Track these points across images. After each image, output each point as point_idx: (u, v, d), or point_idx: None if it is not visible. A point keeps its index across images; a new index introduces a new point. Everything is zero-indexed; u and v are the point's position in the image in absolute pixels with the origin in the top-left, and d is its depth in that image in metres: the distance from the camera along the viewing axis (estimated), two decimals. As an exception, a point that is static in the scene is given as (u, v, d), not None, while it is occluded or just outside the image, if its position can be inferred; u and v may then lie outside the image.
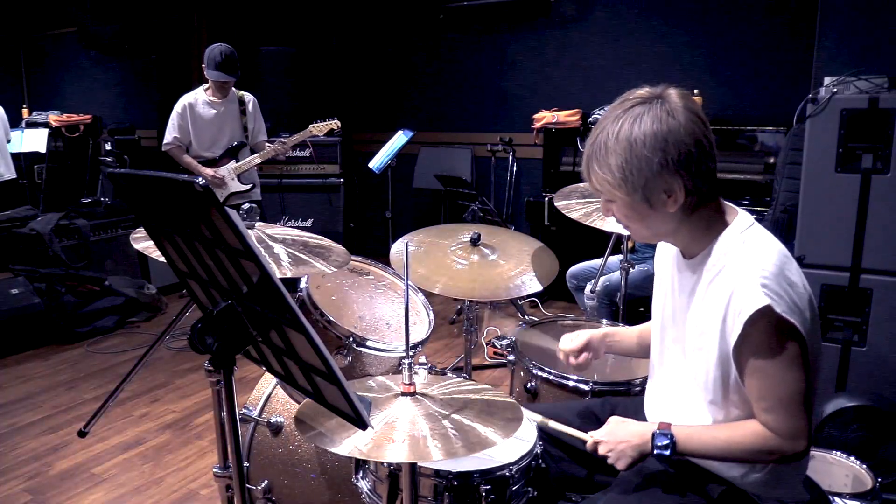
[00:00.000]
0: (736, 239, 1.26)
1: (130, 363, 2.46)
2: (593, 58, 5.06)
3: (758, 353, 1.19)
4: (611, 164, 1.23)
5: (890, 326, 2.38)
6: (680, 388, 1.37)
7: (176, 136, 3.92)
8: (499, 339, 4.02)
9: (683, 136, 1.19)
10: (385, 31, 6.00)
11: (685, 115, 1.20)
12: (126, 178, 1.13)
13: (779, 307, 1.15)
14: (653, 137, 1.19)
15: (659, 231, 1.32)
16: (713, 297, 1.24)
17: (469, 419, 1.24)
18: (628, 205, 1.26)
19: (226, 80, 3.83)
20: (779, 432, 1.21)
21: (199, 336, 1.08)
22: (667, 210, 1.24)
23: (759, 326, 1.17)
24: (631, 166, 1.20)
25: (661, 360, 1.46)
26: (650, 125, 1.19)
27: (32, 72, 7.80)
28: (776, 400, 1.20)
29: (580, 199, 2.42)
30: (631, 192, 1.23)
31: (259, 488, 1.96)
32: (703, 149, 1.21)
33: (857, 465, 1.92)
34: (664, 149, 1.19)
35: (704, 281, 1.28)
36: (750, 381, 1.22)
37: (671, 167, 1.19)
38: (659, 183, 1.21)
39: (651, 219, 1.27)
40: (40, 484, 2.62)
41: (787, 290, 1.18)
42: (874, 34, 2.73)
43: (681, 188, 1.21)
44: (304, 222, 5.38)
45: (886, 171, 2.32)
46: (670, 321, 1.41)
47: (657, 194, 1.22)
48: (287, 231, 1.92)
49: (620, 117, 1.23)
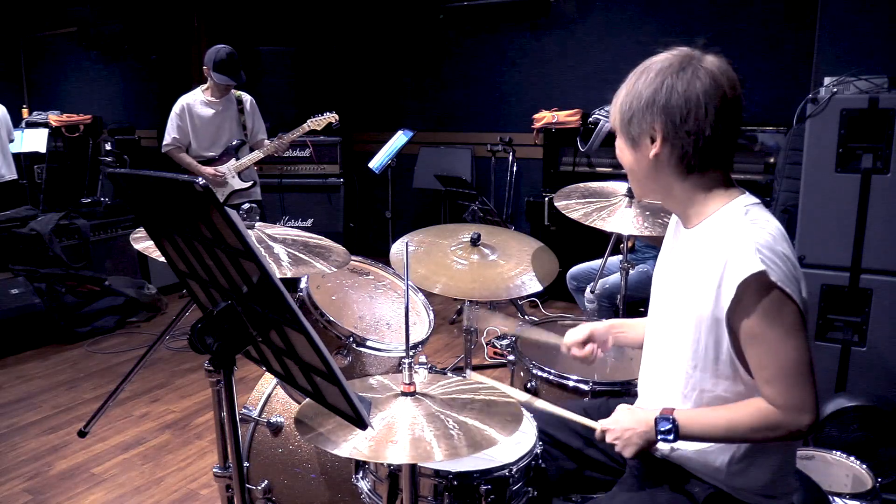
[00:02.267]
0: (738, 210, 1.27)
1: (130, 363, 2.46)
2: (593, 58, 5.06)
3: (753, 319, 1.18)
4: (620, 99, 1.32)
5: (890, 326, 2.38)
6: (670, 357, 1.37)
7: (175, 136, 3.94)
8: (499, 339, 4.03)
9: (680, 89, 1.23)
10: (385, 31, 6.00)
11: (699, 75, 1.23)
12: (126, 178, 1.13)
13: (773, 275, 1.15)
14: (653, 82, 1.26)
15: (648, 184, 1.36)
16: (709, 264, 1.24)
17: (470, 419, 1.24)
18: (621, 142, 1.34)
19: (229, 84, 3.86)
20: (781, 405, 1.19)
21: (199, 336, 1.08)
22: (647, 156, 1.29)
23: (753, 291, 1.17)
24: (629, 99, 1.29)
25: (655, 330, 1.46)
26: (654, 75, 1.26)
27: (32, 72, 7.81)
28: (776, 369, 1.19)
29: (580, 199, 2.42)
30: (621, 125, 1.32)
31: (259, 488, 1.96)
32: (702, 110, 1.22)
33: (857, 465, 1.92)
34: (655, 91, 1.25)
35: (701, 248, 1.28)
36: (749, 350, 1.22)
37: (655, 109, 1.25)
38: (640, 121, 1.27)
39: (638, 164, 1.33)
40: (40, 484, 2.62)
41: (784, 262, 1.18)
42: (874, 34, 2.73)
43: (660, 135, 1.26)
44: (304, 222, 5.38)
45: (886, 171, 2.32)
46: (666, 290, 1.41)
47: (638, 133, 1.29)
48: (287, 231, 1.92)
49: (645, 65, 1.30)
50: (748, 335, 1.20)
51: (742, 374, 1.26)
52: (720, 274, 1.20)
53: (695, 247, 1.31)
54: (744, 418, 1.23)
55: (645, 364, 1.50)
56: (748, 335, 1.20)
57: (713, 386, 1.29)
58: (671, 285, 1.39)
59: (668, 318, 1.39)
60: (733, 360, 1.25)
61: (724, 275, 1.20)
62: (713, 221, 1.29)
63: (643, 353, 1.52)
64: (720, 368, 1.27)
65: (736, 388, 1.27)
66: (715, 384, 1.29)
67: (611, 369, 2.18)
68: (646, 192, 1.41)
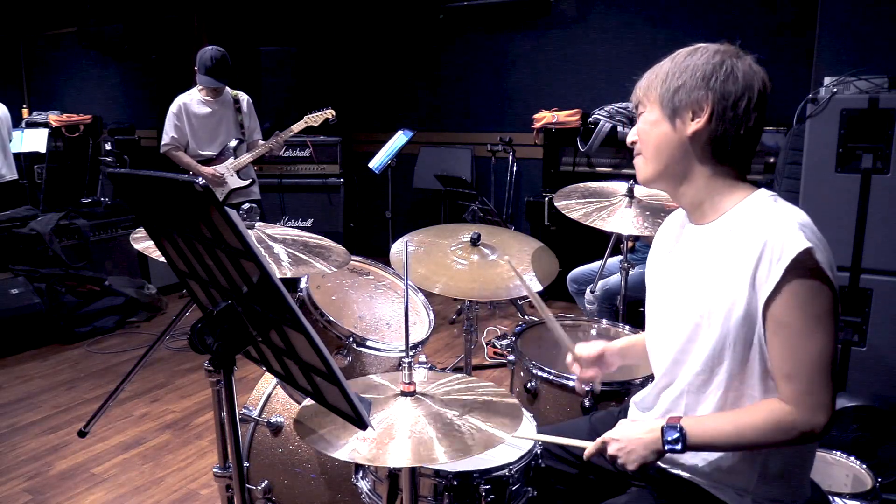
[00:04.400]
0: (765, 200, 1.23)
1: (130, 363, 2.46)
2: (593, 58, 5.06)
3: (786, 303, 1.12)
4: (662, 69, 1.28)
5: (890, 326, 2.38)
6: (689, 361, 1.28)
7: (173, 136, 3.95)
8: (499, 339, 4.03)
9: (737, 75, 1.21)
10: (385, 30, 6.01)
11: (749, 71, 1.22)
12: (126, 178, 1.13)
13: (819, 254, 1.11)
14: (710, 61, 1.23)
15: (669, 167, 1.29)
16: (739, 252, 1.17)
17: (471, 418, 1.24)
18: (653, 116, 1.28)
19: (216, 87, 3.88)
20: (798, 404, 1.13)
21: (199, 336, 1.08)
22: (685, 132, 1.24)
23: (797, 273, 1.11)
24: (677, 69, 1.25)
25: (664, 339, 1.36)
26: (711, 55, 1.24)
27: (32, 72, 7.80)
28: (800, 362, 1.13)
29: (580, 199, 2.42)
30: (663, 94, 1.26)
31: (259, 488, 1.96)
32: (747, 102, 1.21)
33: (857, 465, 1.92)
34: (714, 70, 1.22)
35: (723, 242, 1.23)
36: (773, 340, 1.15)
37: (711, 85, 1.21)
38: (691, 92, 1.23)
39: (667, 143, 1.27)
40: (40, 484, 2.62)
41: (825, 244, 1.14)
42: (874, 34, 2.73)
43: (707, 110, 1.22)
44: (304, 222, 5.38)
45: (886, 171, 2.32)
46: (676, 293, 1.33)
47: (684, 105, 1.24)
48: (287, 231, 1.92)
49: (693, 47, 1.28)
50: (776, 323, 1.14)
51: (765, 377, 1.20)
52: (756, 261, 1.14)
53: (713, 242, 1.25)
54: (754, 420, 1.17)
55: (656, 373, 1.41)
56: (776, 323, 1.14)
57: (739, 385, 1.22)
58: (683, 283, 1.31)
59: (682, 317, 1.30)
60: (764, 354, 1.18)
61: (761, 260, 1.14)
62: (736, 214, 1.24)
63: (651, 363, 1.44)
64: (749, 366, 1.20)
65: (762, 388, 1.21)
66: (742, 382, 1.22)
67: (611, 369, 2.17)
68: (661, 174, 1.31)
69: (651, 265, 1.47)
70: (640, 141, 1.32)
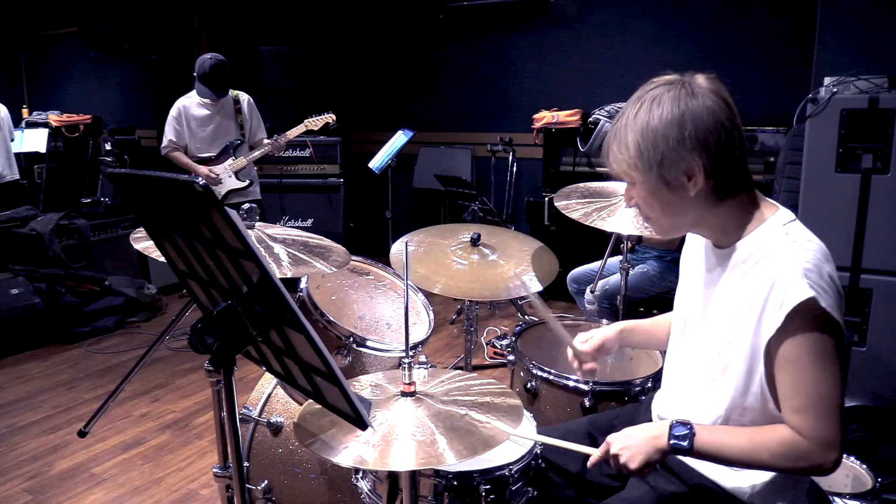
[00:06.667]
0: (778, 231, 1.21)
1: (130, 363, 2.46)
2: (593, 58, 5.06)
3: (794, 344, 1.13)
4: (628, 142, 1.20)
5: (890, 326, 2.38)
6: (698, 383, 1.31)
7: (171, 139, 3.98)
8: (499, 339, 4.02)
9: (704, 115, 1.15)
10: (385, 30, 6.01)
11: (709, 97, 1.16)
12: (126, 178, 1.14)
13: (823, 301, 1.10)
14: (670, 114, 1.16)
15: (681, 220, 1.26)
16: (750, 288, 1.18)
17: (471, 418, 1.24)
18: (647, 188, 1.22)
19: (210, 98, 3.90)
20: (809, 437, 1.14)
21: (199, 336, 1.08)
22: (687, 194, 1.19)
23: (801, 319, 1.11)
24: (647, 142, 1.18)
25: (681, 354, 1.40)
26: (668, 106, 1.17)
27: (32, 72, 7.80)
28: (808, 399, 1.13)
29: (580, 199, 2.42)
30: (647, 171, 1.19)
31: (259, 488, 1.96)
32: (728, 132, 1.17)
33: (857, 465, 1.91)
34: (681, 124, 1.16)
35: (740, 271, 1.23)
36: (782, 376, 1.16)
37: (688, 144, 1.15)
38: (676, 161, 1.17)
39: (672, 205, 1.22)
40: (40, 484, 2.62)
41: (830, 286, 1.14)
42: (874, 34, 2.73)
43: (700, 169, 1.17)
44: (304, 222, 5.38)
45: (886, 171, 2.32)
46: (696, 315, 1.35)
47: (675, 175, 1.18)
48: (287, 231, 1.92)
49: (642, 98, 1.20)
50: (784, 360, 1.15)
51: (771, 407, 1.21)
52: (763, 301, 1.16)
53: (729, 268, 1.26)
54: (768, 442, 1.17)
55: (667, 385, 1.45)
56: (784, 360, 1.15)
57: (740, 416, 1.24)
58: (700, 306, 1.33)
59: (694, 340, 1.34)
60: (764, 391, 1.20)
61: (767, 301, 1.15)
62: (751, 242, 1.23)
63: (664, 373, 1.47)
64: (749, 399, 1.22)
65: (763, 422, 1.22)
66: (742, 414, 1.24)
67: (611, 369, 2.18)
68: (677, 230, 1.30)
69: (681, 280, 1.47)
70: (644, 206, 1.27)
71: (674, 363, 1.44)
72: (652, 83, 1.22)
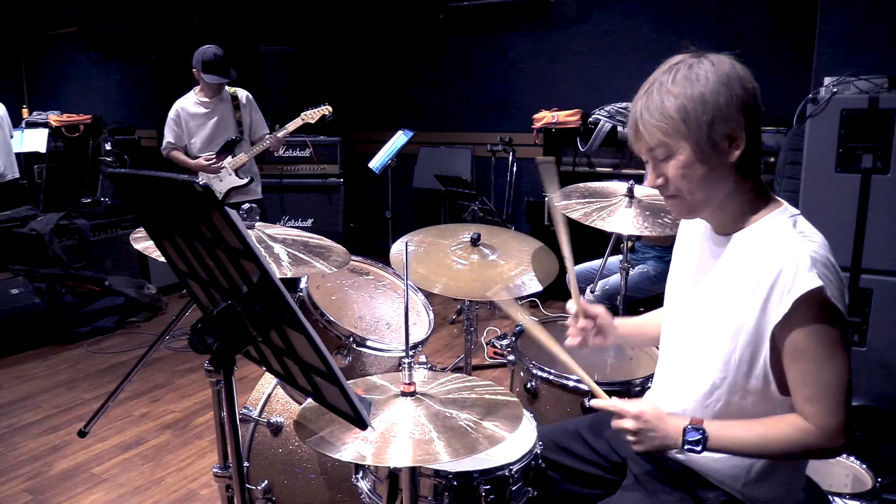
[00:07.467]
0: (785, 221, 1.22)
1: (130, 363, 2.46)
2: (593, 58, 5.06)
3: (802, 334, 1.14)
4: (668, 108, 1.17)
5: (890, 326, 2.38)
6: (695, 365, 1.31)
7: (170, 140, 4.00)
8: (499, 339, 4.02)
9: (744, 78, 1.17)
10: (385, 30, 6.01)
11: (737, 65, 1.19)
12: (126, 178, 1.14)
13: (829, 290, 1.12)
14: (715, 75, 1.15)
15: (713, 195, 1.23)
16: (755, 274, 1.18)
17: (471, 418, 1.24)
18: (687, 157, 1.18)
19: (221, 82, 3.89)
20: (820, 426, 1.16)
21: (199, 336, 1.08)
22: (727, 161, 1.18)
23: (808, 308, 1.12)
24: (694, 103, 1.15)
25: (676, 341, 1.40)
26: (710, 69, 1.16)
27: (32, 72, 7.80)
28: (819, 388, 1.15)
29: (580, 199, 2.42)
30: (692, 134, 1.16)
31: (259, 488, 1.96)
32: (756, 100, 1.17)
33: (857, 465, 1.91)
34: (728, 84, 1.14)
35: (742, 257, 1.23)
36: (791, 366, 1.17)
37: (735, 103, 1.14)
38: (725, 120, 1.15)
39: (710, 176, 1.19)
40: (40, 484, 2.62)
41: (836, 277, 1.15)
42: (874, 34, 2.73)
43: (742, 132, 1.16)
44: (304, 222, 5.38)
45: (886, 171, 2.32)
46: (692, 299, 1.35)
47: (723, 136, 1.16)
48: (287, 231, 1.92)
49: (673, 68, 1.19)
50: (793, 350, 1.16)
51: (773, 389, 1.22)
52: (769, 286, 1.16)
53: (733, 254, 1.26)
54: (778, 434, 1.19)
55: (662, 369, 1.45)
56: (793, 350, 1.16)
57: (741, 399, 1.25)
58: (700, 291, 1.33)
59: (694, 324, 1.34)
60: (767, 374, 1.21)
61: (774, 288, 1.15)
62: (757, 230, 1.24)
63: (660, 357, 1.47)
64: (751, 382, 1.23)
65: (764, 404, 1.23)
66: (743, 397, 1.25)
67: (611, 369, 2.18)
68: (704, 207, 1.26)
69: (674, 269, 1.47)
70: (675, 185, 1.23)
71: (670, 349, 1.43)
72: (673, 59, 1.22)
